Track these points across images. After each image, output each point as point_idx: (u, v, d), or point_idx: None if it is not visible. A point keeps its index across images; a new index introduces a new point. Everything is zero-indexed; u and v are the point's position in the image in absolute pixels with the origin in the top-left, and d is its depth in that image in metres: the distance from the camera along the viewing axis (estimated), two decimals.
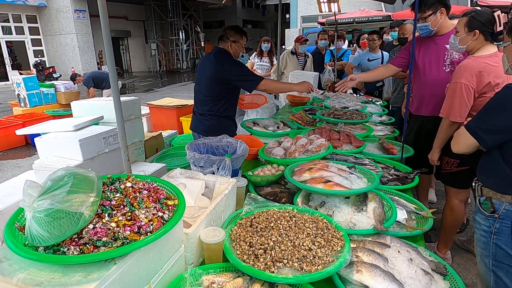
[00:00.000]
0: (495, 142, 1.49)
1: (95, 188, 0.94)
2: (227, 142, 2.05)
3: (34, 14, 14.38)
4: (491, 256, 1.56)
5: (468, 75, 2.06)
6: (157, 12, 20.51)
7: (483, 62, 2.04)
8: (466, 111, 2.13)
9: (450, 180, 2.46)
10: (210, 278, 1.08)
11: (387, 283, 1.10)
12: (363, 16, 9.37)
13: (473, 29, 2.08)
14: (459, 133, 1.61)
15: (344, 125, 2.83)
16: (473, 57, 2.12)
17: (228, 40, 2.81)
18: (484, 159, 1.59)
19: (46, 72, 9.70)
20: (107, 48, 2.09)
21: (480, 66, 2.04)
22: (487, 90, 2.06)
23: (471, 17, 2.10)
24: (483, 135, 1.49)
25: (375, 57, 4.92)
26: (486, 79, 2.03)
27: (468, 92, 2.07)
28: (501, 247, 1.52)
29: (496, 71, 2.02)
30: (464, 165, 2.27)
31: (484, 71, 2.03)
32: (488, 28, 2.05)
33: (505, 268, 1.52)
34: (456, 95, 2.11)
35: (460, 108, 2.13)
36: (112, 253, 0.83)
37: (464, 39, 2.15)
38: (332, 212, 1.53)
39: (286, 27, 16.60)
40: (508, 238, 1.49)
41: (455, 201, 2.45)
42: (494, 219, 1.52)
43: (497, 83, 2.03)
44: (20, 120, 6.05)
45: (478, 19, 2.07)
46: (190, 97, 9.64)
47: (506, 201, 1.48)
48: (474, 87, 2.06)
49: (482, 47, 2.10)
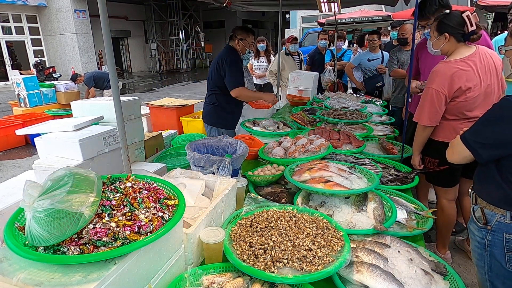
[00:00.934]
0: (491, 157, 1.41)
1: (95, 188, 0.94)
2: (227, 142, 2.05)
3: (34, 14, 14.37)
4: (486, 267, 1.51)
5: (440, 80, 2.07)
6: (157, 12, 20.50)
7: (454, 66, 2.05)
8: (437, 116, 2.16)
9: (435, 180, 2.48)
10: (210, 278, 1.08)
11: (387, 283, 1.10)
12: (363, 16, 9.38)
13: (442, 33, 2.11)
14: (454, 143, 1.55)
15: (344, 125, 2.83)
16: (445, 62, 2.13)
17: (235, 38, 3.09)
18: (480, 169, 1.54)
19: (46, 72, 9.70)
20: (107, 48, 2.09)
21: (452, 71, 2.04)
22: (459, 95, 2.07)
23: (440, 21, 2.13)
24: (479, 149, 1.42)
25: (375, 57, 4.92)
26: (457, 84, 2.04)
27: (438, 98, 2.09)
28: (495, 259, 1.47)
29: (467, 75, 2.03)
30: (444, 164, 2.27)
31: (456, 75, 2.04)
32: (458, 30, 2.06)
33: (501, 280, 1.48)
34: (426, 99, 2.14)
35: (430, 113, 2.15)
36: (112, 253, 0.83)
37: (436, 43, 2.17)
38: (332, 212, 1.53)
39: (286, 27, 16.60)
40: (501, 251, 1.44)
41: (443, 201, 2.46)
42: (487, 231, 1.47)
43: (468, 87, 2.04)
44: (20, 120, 6.05)
45: (446, 23, 2.09)
46: (190, 97, 9.66)
47: (498, 213, 1.43)
48: (445, 93, 2.07)
49: (456, 50, 2.11)
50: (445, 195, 2.45)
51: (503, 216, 1.41)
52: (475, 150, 1.43)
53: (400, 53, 4.20)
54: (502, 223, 1.42)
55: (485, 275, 1.53)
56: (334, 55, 5.67)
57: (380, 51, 4.97)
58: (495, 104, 1.41)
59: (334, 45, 5.84)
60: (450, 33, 2.08)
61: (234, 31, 3.13)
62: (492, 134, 1.38)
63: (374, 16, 9.44)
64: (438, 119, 2.18)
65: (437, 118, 2.17)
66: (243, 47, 3.10)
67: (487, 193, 1.49)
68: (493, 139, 1.38)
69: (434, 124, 2.19)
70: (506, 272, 1.45)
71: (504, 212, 1.41)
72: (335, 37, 5.70)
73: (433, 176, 2.45)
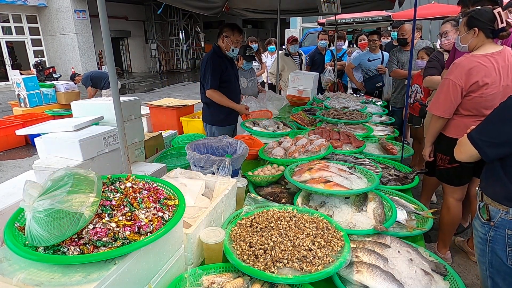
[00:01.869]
0: (497, 156, 1.44)
1: (95, 188, 0.94)
2: (227, 142, 2.05)
3: (34, 14, 14.37)
4: (487, 263, 1.54)
5: (458, 72, 2.09)
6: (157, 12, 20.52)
7: (475, 60, 2.05)
8: (451, 107, 2.16)
9: (444, 177, 2.47)
10: (210, 278, 1.08)
11: (387, 283, 1.10)
12: (363, 16, 9.37)
13: (472, 27, 2.10)
14: (462, 141, 1.57)
15: (344, 125, 2.83)
16: (468, 55, 2.13)
17: (221, 35, 3.10)
18: (487, 167, 1.57)
19: (46, 72, 9.71)
20: (107, 48, 2.09)
21: (471, 65, 2.05)
22: (475, 89, 2.07)
23: (470, 16, 2.12)
24: (484, 147, 1.44)
25: (375, 57, 4.92)
26: (474, 78, 2.04)
27: (454, 89, 2.10)
28: (497, 255, 1.49)
29: (486, 70, 2.02)
30: (455, 162, 2.28)
31: (474, 69, 2.04)
32: (488, 26, 2.04)
33: (502, 276, 1.50)
34: (443, 90, 2.16)
35: (445, 103, 2.16)
36: (112, 253, 0.83)
37: (465, 38, 2.15)
38: (332, 212, 1.53)
39: (286, 27, 16.60)
40: (502, 247, 1.47)
41: (450, 200, 2.46)
42: (490, 227, 1.51)
43: (485, 83, 2.04)
44: (20, 120, 6.05)
45: (477, 18, 2.08)
46: (190, 97, 9.65)
47: (502, 209, 1.46)
48: (462, 85, 2.08)
49: (482, 45, 2.10)
50: (452, 193, 2.46)
51: (506, 212, 1.44)
52: (481, 149, 1.46)
53: (400, 53, 4.21)
54: (505, 220, 1.45)
55: (486, 271, 1.56)
56: (334, 55, 5.67)
57: (380, 51, 4.98)
58: (501, 103, 1.43)
59: (334, 45, 5.84)
60: (480, 28, 2.06)
61: (221, 28, 3.13)
62: (498, 133, 1.41)
63: (374, 16, 9.43)
64: (452, 111, 2.18)
65: (451, 110, 2.17)
66: (227, 44, 3.08)
67: (492, 190, 1.51)
68: (499, 138, 1.40)
69: (447, 116, 2.19)
70: (507, 268, 1.47)
71: (507, 209, 1.44)
72: (335, 37, 5.70)
73: (442, 174, 2.45)
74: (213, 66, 3.00)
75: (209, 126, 3.32)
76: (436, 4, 10.27)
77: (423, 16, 8.88)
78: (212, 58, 3.03)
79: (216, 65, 3.02)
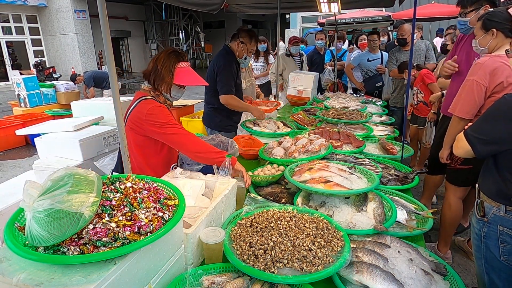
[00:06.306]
0: (488, 153, 1.48)
1: (95, 188, 0.94)
2: (219, 141, 2.07)
3: (34, 14, 14.37)
4: (483, 258, 1.57)
5: (482, 73, 2.03)
6: (157, 12, 20.48)
7: (498, 60, 2.01)
8: (474, 108, 2.09)
9: (451, 176, 2.47)
10: (210, 278, 1.08)
11: (387, 283, 1.10)
12: (363, 16, 9.36)
13: (489, 29, 2.07)
14: (459, 137, 1.59)
15: (344, 125, 2.83)
16: (490, 55, 2.09)
17: (238, 39, 2.97)
18: (484, 164, 1.60)
19: (46, 72, 9.69)
20: (107, 48, 2.08)
21: (496, 65, 2.00)
22: (499, 90, 2.02)
23: (485, 19, 2.09)
24: (477, 144, 1.48)
25: (374, 57, 4.92)
26: (499, 78, 2.00)
27: (479, 90, 2.04)
28: (490, 250, 1.52)
29: (510, 71, 1.98)
30: (467, 163, 2.28)
31: (499, 69, 1.99)
32: (505, 25, 2.02)
33: (496, 271, 1.53)
34: (465, 91, 2.09)
35: (468, 105, 2.09)
36: (112, 253, 0.83)
37: (484, 39, 2.12)
38: (332, 212, 1.53)
39: (286, 27, 16.59)
40: (495, 243, 1.50)
41: (453, 198, 2.46)
42: (484, 223, 1.54)
43: (510, 83, 2.00)
44: (20, 120, 6.04)
45: (493, 19, 2.05)
46: (190, 97, 9.66)
47: (495, 206, 1.49)
48: (486, 85, 2.02)
49: (502, 46, 2.07)
50: (455, 192, 2.46)
51: (498, 209, 1.48)
52: (474, 145, 1.49)
53: (399, 53, 4.21)
54: (498, 216, 1.48)
55: (482, 266, 1.59)
56: (334, 55, 5.67)
57: (380, 51, 4.98)
58: (497, 101, 1.46)
59: (333, 45, 5.84)
60: (498, 28, 2.04)
61: (239, 31, 3.00)
62: (489, 131, 1.44)
63: (374, 16, 9.43)
64: (475, 112, 2.10)
65: (474, 111, 2.10)
66: (241, 50, 2.97)
67: (487, 187, 1.55)
68: (491, 136, 1.44)
69: (470, 117, 2.12)
70: (500, 264, 1.50)
71: (499, 206, 1.48)
72: (335, 38, 5.70)
73: (452, 173, 2.44)
74: (229, 70, 2.87)
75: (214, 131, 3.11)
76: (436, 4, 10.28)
77: (423, 16, 8.89)
78: (228, 61, 2.89)
79: (233, 70, 2.90)
